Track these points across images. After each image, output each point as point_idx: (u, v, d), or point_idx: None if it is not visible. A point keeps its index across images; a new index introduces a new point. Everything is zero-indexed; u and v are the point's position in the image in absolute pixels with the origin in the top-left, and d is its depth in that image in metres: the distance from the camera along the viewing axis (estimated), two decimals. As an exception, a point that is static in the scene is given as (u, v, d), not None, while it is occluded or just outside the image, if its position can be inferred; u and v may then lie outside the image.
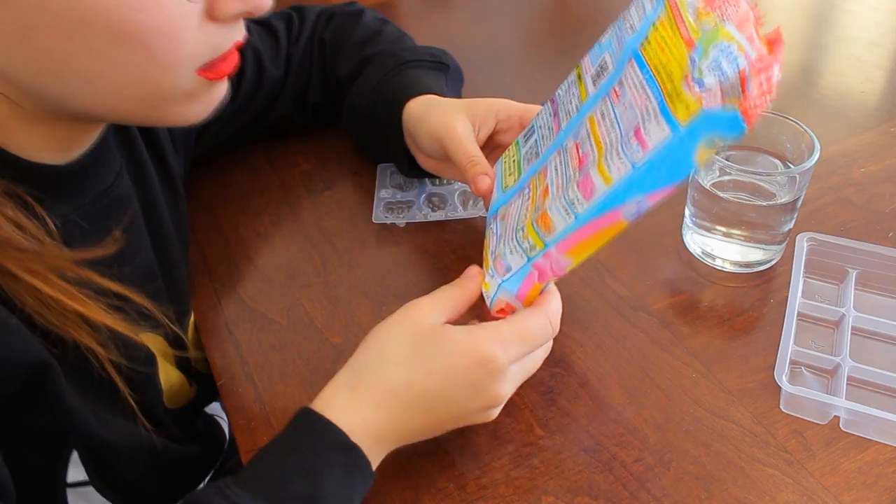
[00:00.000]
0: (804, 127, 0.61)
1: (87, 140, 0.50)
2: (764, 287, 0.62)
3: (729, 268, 0.64)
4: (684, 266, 0.65)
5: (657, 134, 0.40)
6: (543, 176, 0.52)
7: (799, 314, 0.59)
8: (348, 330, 0.61)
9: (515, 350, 0.48)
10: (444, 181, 0.75)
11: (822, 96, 0.87)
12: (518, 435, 0.52)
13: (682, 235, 0.67)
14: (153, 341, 0.57)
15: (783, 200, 0.60)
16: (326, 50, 0.79)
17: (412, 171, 0.72)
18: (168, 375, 0.59)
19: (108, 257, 0.48)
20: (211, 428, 0.72)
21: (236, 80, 0.73)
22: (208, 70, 0.45)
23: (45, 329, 0.44)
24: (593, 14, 1.08)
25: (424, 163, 0.70)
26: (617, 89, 0.46)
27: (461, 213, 0.71)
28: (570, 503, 0.48)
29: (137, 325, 0.49)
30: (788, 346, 0.55)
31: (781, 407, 0.53)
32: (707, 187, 0.61)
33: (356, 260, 0.67)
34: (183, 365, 0.62)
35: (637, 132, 0.41)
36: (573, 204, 0.45)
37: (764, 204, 0.61)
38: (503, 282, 0.50)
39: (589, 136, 0.47)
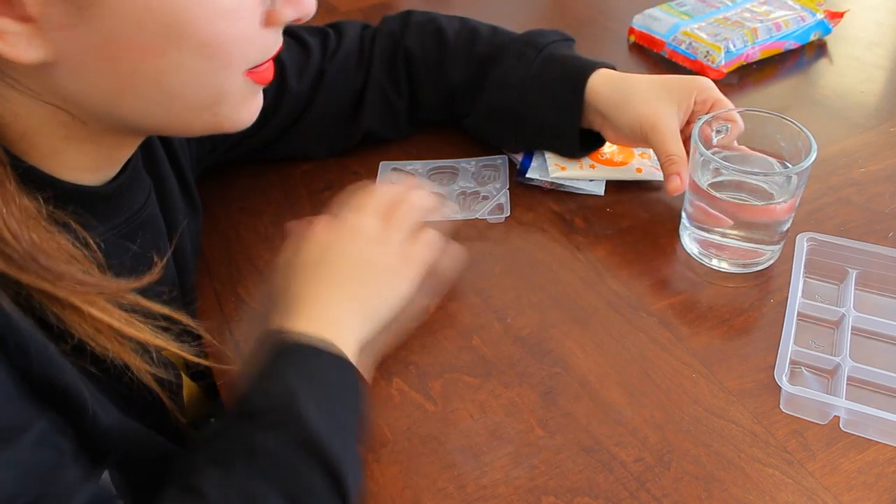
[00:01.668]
0: (801, 127, 0.61)
1: (123, 158, 0.51)
2: (764, 287, 0.62)
3: (726, 268, 0.64)
4: (684, 266, 0.65)
5: None
6: None
7: (799, 314, 0.59)
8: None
9: (371, 217, 0.57)
10: (446, 181, 0.75)
11: (822, 96, 0.87)
12: (518, 435, 0.52)
13: (678, 235, 0.67)
14: (173, 355, 0.57)
15: (780, 200, 0.60)
16: (417, 63, 0.76)
17: (584, 150, 0.73)
18: (188, 388, 0.59)
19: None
20: None
21: None
22: (254, 73, 0.46)
23: (94, 353, 0.44)
24: (593, 14, 1.08)
25: (616, 140, 0.72)
26: None
27: (458, 215, 0.71)
28: (569, 503, 0.48)
29: (182, 344, 0.49)
30: (788, 346, 0.55)
31: (781, 407, 0.53)
32: (704, 188, 0.61)
33: (356, 260, 0.67)
34: (198, 375, 0.62)
35: None
36: None
37: (761, 204, 0.61)
38: None
39: None
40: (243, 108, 0.48)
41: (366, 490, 0.49)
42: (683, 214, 0.66)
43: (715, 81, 0.89)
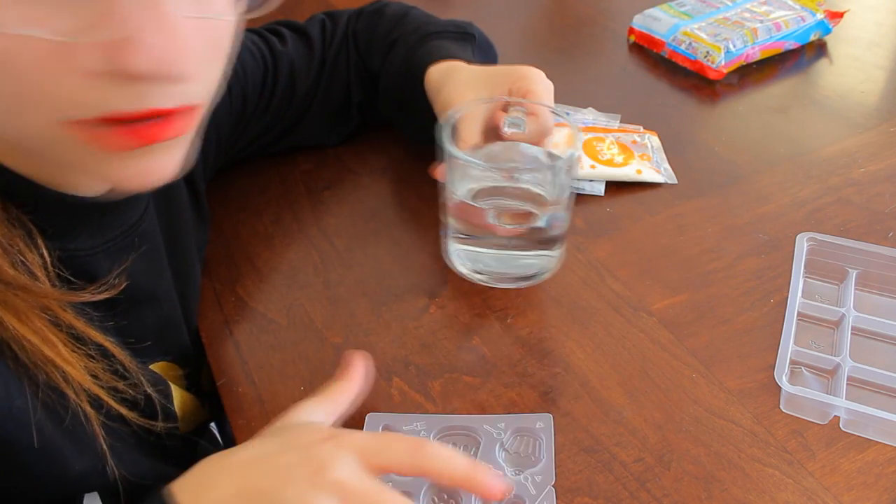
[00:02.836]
0: (565, 118, 0.58)
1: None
2: (764, 287, 0.62)
3: (494, 283, 0.61)
4: (683, 266, 0.65)
5: None
6: None
7: (799, 314, 0.59)
8: (348, 330, 0.61)
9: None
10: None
11: (822, 96, 0.87)
12: (518, 435, 0.52)
13: (443, 249, 0.64)
14: (164, 368, 0.57)
15: (547, 213, 0.56)
16: (359, 46, 0.78)
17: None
18: (182, 401, 0.59)
19: (119, 301, 0.47)
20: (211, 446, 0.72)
21: (269, 94, 0.72)
22: (85, 131, 0.36)
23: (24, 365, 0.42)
24: (593, 14, 1.08)
25: None
26: None
27: None
28: (569, 503, 0.48)
29: (115, 377, 0.47)
30: (788, 346, 0.55)
31: (781, 407, 0.53)
32: (462, 197, 0.57)
33: (356, 260, 0.67)
34: (194, 383, 0.62)
35: None
36: None
37: (529, 210, 0.57)
38: None
39: None
40: (83, 175, 0.41)
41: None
42: (447, 225, 0.61)
43: (715, 81, 0.90)
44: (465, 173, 0.56)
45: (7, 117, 0.36)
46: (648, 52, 0.97)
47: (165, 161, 0.40)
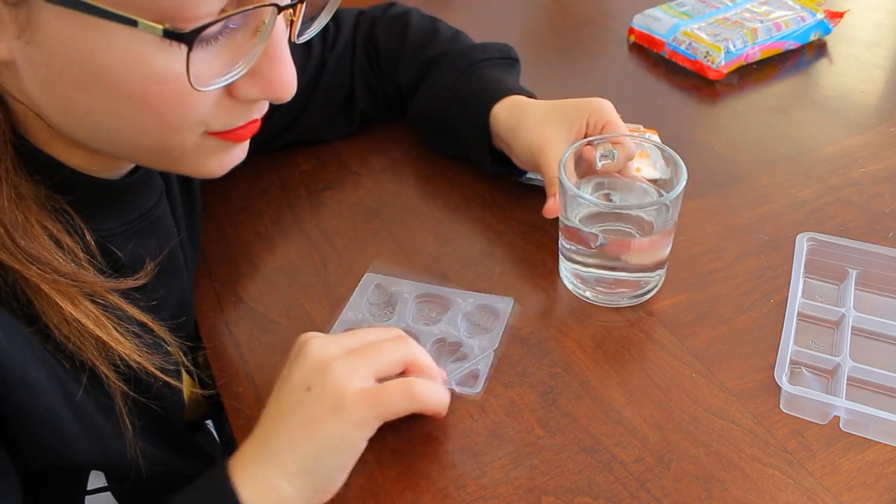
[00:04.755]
0: (672, 153, 0.59)
1: (129, 162, 0.52)
2: (764, 287, 0.62)
3: (600, 300, 0.61)
4: (683, 266, 0.65)
5: None
6: None
7: (799, 314, 0.59)
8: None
9: (337, 339, 0.49)
10: (433, 314, 0.61)
11: (822, 96, 0.87)
12: (518, 435, 0.52)
13: (557, 266, 0.65)
14: (174, 353, 0.58)
15: (657, 230, 0.58)
16: (381, 55, 0.78)
17: (496, 166, 0.73)
18: (188, 391, 0.60)
19: (146, 283, 0.49)
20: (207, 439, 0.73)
21: None
22: (220, 133, 0.46)
23: (60, 345, 0.45)
24: (593, 14, 1.08)
25: (519, 164, 0.71)
26: None
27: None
28: (569, 503, 0.48)
29: (154, 354, 0.49)
30: (788, 346, 0.55)
31: (781, 407, 0.53)
32: (570, 221, 0.59)
33: (356, 260, 0.67)
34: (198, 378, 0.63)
35: None
36: None
37: (636, 238, 0.59)
38: None
39: None
40: (207, 161, 0.47)
41: (366, 490, 0.49)
42: (560, 245, 0.63)
43: (715, 81, 0.90)
44: (579, 205, 0.59)
45: (148, 128, 0.42)
46: (648, 52, 0.97)
47: (244, 151, 0.50)
